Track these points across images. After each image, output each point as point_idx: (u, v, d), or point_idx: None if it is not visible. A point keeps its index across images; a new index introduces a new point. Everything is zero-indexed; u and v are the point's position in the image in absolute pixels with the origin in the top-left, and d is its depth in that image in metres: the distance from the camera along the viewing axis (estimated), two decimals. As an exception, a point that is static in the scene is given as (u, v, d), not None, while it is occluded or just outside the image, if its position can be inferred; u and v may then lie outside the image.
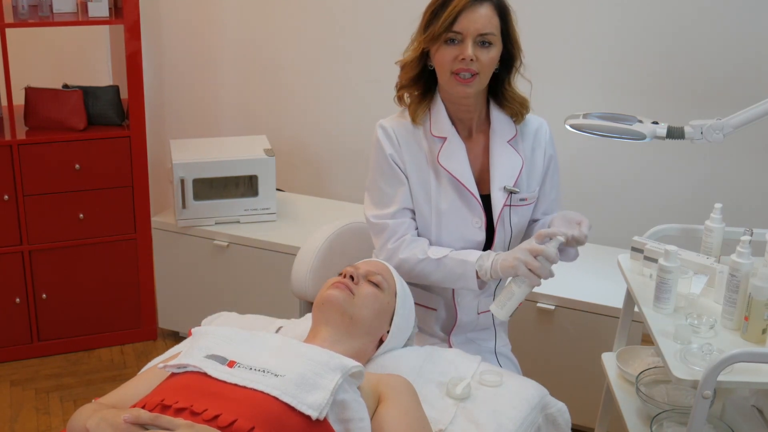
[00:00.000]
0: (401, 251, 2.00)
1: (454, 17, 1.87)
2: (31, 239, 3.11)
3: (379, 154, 2.03)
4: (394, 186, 2.02)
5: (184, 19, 3.67)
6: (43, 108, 3.09)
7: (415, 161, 2.03)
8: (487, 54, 1.90)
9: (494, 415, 1.75)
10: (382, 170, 2.03)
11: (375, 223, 2.04)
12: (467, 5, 1.87)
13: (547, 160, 2.11)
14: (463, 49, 1.88)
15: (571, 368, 2.72)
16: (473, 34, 1.88)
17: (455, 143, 2.01)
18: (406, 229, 2.02)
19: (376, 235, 2.05)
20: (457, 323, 2.13)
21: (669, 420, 2.03)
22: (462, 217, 2.02)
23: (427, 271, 1.98)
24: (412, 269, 1.99)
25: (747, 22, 2.90)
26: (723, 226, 2.16)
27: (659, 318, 1.97)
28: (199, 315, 2.31)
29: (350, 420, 1.51)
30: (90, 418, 1.43)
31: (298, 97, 3.61)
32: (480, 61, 1.89)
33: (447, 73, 1.92)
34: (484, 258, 1.95)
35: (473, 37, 1.88)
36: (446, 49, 1.90)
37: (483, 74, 1.93)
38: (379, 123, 2.06)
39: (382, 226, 2.03)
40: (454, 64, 1.90)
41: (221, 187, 3.17)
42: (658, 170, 3.14)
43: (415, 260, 1.98)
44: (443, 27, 1.88)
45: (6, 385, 3.08)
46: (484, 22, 1.88)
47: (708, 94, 2.98)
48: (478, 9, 1.88)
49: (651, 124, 2.20)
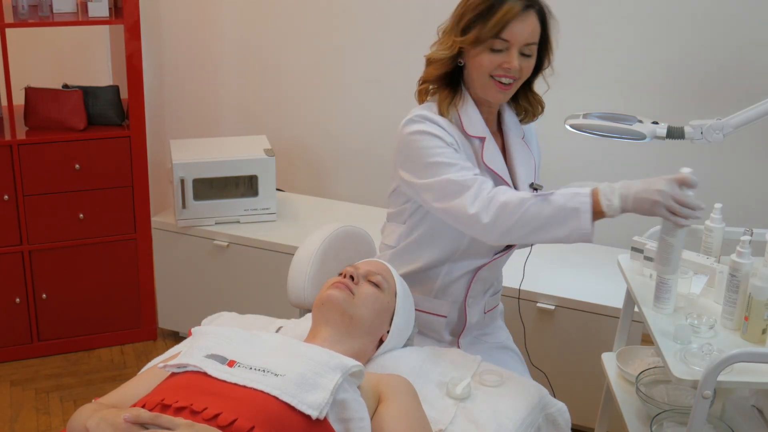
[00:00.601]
0: (500, 195, 1.79)
1: (503, 25, 1.83)
2: (31, 239, 3.11)
3: (432, 142, 1.87)
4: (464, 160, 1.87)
5: (184, 19, 3.68)
6: (43, 108, 3.09)
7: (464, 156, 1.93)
8: (528, 63, 1.89)
9: (494, 415, 1.75)
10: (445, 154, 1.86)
11: (457, 180, 1.82)
12: (518, 14, 1.83)
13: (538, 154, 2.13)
14: (510, 59, 1.85)
15: (571, 368, 2.72)
16: (519, 44, 1.85)
17: (492, 143, 1.97)
18: (493, 184, 1.85)
19: (461, 192, 1.81)
20: (467, 325, 2.12)
21: (669, 420, 2.03)
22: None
23: (534, 211, 1.75)
24: (515, 211, 1.76)
25: (747, 22, 2.90)
26: (723, 226, 2.16)
27: (659, 318, 1.97)
28: (199, 315, 2.31)
29: (350, 420, 1.51)
30: (90, 418, 1.43)
31: (298, 97, 3.61)
32: (521, 70, 1.88)
33: (485, 77, 1.89)
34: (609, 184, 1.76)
35: (519, 47, 1.85)
36: (489, 55, 1.86)
37: (519, 81, 1.92)
38: (416, 114, 1.92)
39: (468, 181, 1.82)
40: (495, 69, 1.87)
41: (221, 187, 3.17)
42: (658, 170, 3.13)
43: (519, 200, 1.77)
44: (491, 33, 1.83)
45: (6, 385, 3.08)
46: (531, 33, 1.86)
47: (708, 94, 2.98)
48: (527, 18, 1.84)
49: (651, 124, 2.21)
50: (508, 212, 1.77)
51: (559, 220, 1.74)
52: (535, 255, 2.99)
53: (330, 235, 2.30)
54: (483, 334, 2.19)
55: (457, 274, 2.05)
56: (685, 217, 1.71)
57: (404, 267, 2.06)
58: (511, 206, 1.77)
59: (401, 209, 2.06)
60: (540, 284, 2.73)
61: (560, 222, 1.74)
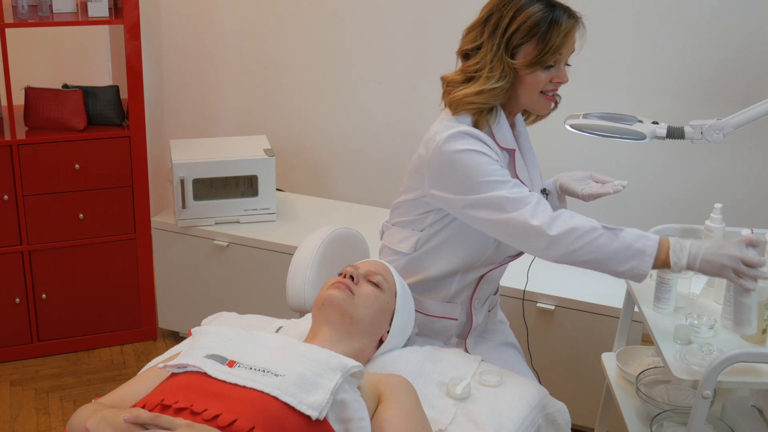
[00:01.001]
0: (568, 217, 1.81)
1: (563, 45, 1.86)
2: (31, 239, 3.11)
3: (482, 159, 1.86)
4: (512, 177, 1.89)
5: (184, 19, 3.68)
6: (43, 108, 3.09)
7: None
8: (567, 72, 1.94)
9: (494, 415, 1.75)
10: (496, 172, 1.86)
11: (513, 197, 1.82)
12: (574, 28, 1.87)
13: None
14: (561, 74, 1.91)
15: (571, 368, 2.72)
16: (566, 58, 1.90)
17: (519, 155, 1.99)
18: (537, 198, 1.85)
19: (518, 207, 1.81)
20: (473, 326, 2.13)
21: (669, 420, 2.03)
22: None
23: (602, 242, 1.78)
24: (584, 237, 1.78)
25: (747, 22, 2.90)
26: (723, 226, 2.16)
27: (659, 318, 1.97)
28: (199, 315, 2.31)
29: (350, 420, 1.51)
30: (90, 418, 1.43)
31: (298, 97, 3.61)
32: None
33: (536, 93, 1.91)
34: (679, 241, 1.78)
35: (565, 60, 1.91)
36: (542, 73, 1.88)
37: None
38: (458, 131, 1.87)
39: (525, 198, 1.83)
40: (546, 86, 1.91)
41: (221, 187, 3.17)
42: (658, 170, 3.15)
43: (590, 227, 1.79)
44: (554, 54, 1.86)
45: (6, 385, 3.08)
46: (573, 45, 1.91)
47: (708, 94, 2.98)
48: (577, 29, 1.89)
49: (651, 124, 2.20)
50: (578, 236, 1.79)
51: (622, 257, 1.78)
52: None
53: (325, 239, 2.26)
54: (486, 331, 2.20)
55: (471, 278, 2.06)
56: (753, 278, 1.73)
57: (420, 274, 2.05)
58: (581, 231, 1.79)
59: (419, 218, 2.02)
60: (540, 284, 2.73)
61: (623, 259, 1.78)
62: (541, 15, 1.83)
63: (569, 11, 1.88)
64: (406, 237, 2.06)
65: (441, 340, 2.12)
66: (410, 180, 2.01)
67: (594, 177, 2.11)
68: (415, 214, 2.03)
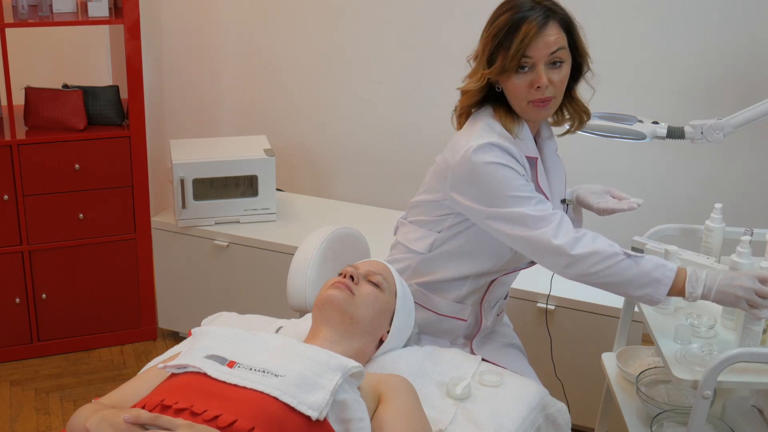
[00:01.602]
0: (592, 242, 1.83)
1: (525, 49, 1.80)
2: (31, 239, 3.11)
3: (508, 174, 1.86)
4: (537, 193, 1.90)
5: (184, 19, 3.67)
6: (43, 108, 3.09)
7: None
8: (560, 74, 1.86)
9: (494, 415, 1.75)
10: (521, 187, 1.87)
11: (535, 215, 1.83)
12: (537, 31, 1.80)
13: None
14: (537, 77, 1.83)
15: (571, 368, 2.72)
16: (544, 57, 1.82)
17: (541, 163, 1.98)
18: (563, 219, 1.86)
19: (540, 225, 1.83)
20: (482, 328, 2.13)
21: (669, 420, 2.03)
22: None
23: (622, 268, 1.81)
24: (605, 261, 1.81)
25: (747, 22, 2.90)
26: (723, 226, 2.16)
27: (659, 318, 1.97)
28: (199, 315, 2.31)
29: (350, 420, 1.51)
30: (90, 418, 1.43)
31: (298, 97, 3.61)
32: (553, 84, 1.85)
33: (523, 103, 1.87)
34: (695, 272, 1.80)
35: (544, 60, 1.82)
36: (519, 77, 1.84)
37: (558, 96, 1.89)
38: (487, 143, 1.86)
39: (549, 216, 1.84)
40: (530, 93, 1.85)
41: (221, 187, 3.17)
42: (658, 170, 3.14)
43: (612, 252, 1.81)
44: (515, 61, 1.81)
45: (6, 385, 3.08)
46: (554, 41, 1.82)
47: (708, 94, 2.98)
48: (548, 31, 1.81)
49: (651, 124, 2.21)
50: (599, 260, 1.81)
51: (639, 284, 1.80)
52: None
53: (326, 239, 2.26)
54: (491, 333, 2.20)
55: (483, 282, 2.06)
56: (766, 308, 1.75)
57: (433, 275, 2.05)
58: (603, 256, 1.81)
59: (438, 219, 2.02)
60: (540, 284, 2.73)
61: (640, 285, 1.80)
62: (503, 22, 1.82)
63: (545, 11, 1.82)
64: (422, 236, 2.05)
65: (447, 339, 2.12)
66: (433, 181, 2.01)
67: (612, 192, 2.11)
68: (434, 215, 2.02)
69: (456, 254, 2.01)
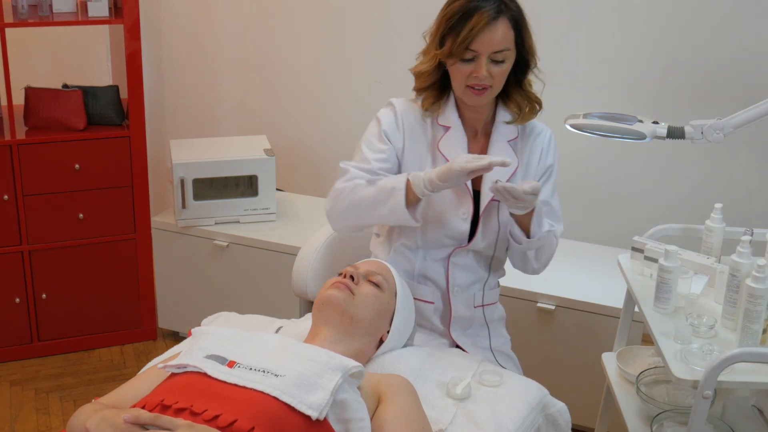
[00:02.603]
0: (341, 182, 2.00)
1: (471, 39, 1.88)
2: (31, 239, 3.11)
3: (374, 125, 2.07)
4: (375, 152, 2.03)
5: (184, 19, 3.67)
6: (43, 108, 3.09)
7: (416, 147, 2.05)
8: (500, 68, 1.93)
9: (494, 416, 1.75)
10: (370, 141, 2.06)
11: (341, 168, 2.04)
12: (486, 26, 1.87)
13: (542, 166, 2.09)
14: (478, 68, 1.90)
15: (571, 368, 2.72)
16: (488, 53, 1.89)
17: (458, 134, 2.03)
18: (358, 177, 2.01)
19: (341, 175, 2.04)
20: (453, 316, 2.10)
21: (669, 420, 2.03)
22: (450, 205, 2.03)
23: (363, 194, 1.97)
24: (348, 196, 1.98)
25: (747, 22, 2.90)
26: (723, 226, 2.16)
27: (659, 318, 1.97)
28: (199, 315, 2.31)
29: (350, 420, 1.51)
30: (90, 418, 1.43)
31: (298, 97, 3.61)
32: (492, 76, 1.92)
33: (461, 86, 1.95)
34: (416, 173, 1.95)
35: (488, 55, 1.89)
36: (461, 66, 1.92)
37: (496, 86, 1.96)
38: (390, 100, 2.09)
39: (344, 170, 2.03)
40: (469, 79, 1.92)
41: (221, 187, 3.17)
42: (658, 170, 3.14)
43: (353, 185, 1.98)
44: (461, 48, 1.89)
45: (6, 385, 3.08)
46: (500, 40, 1.89)
47: (708, 94, 2.98)
48: (496, 27, 1.88)
49: (651, 124, 2.20)
50: (342, 198, 1.99)
51: (381, 200, 1.95)
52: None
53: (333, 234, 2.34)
54: (475, 334, 2.15)
55: (432, 258, 2.08)
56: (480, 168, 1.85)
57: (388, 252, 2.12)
58: (345, 192, 1.99)
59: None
60: (540, 284, 2.73)
61: (382, 201, 1.94)
62: (458, 8, 1.90)
63: (498, 4, 1.88)
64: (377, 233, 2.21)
65: (425, 326, 2.11)
66: None
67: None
68: None
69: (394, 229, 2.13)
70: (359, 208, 1.98)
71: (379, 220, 1.99)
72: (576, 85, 3.14)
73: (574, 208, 3.25)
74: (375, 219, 2.00)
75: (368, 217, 2.00)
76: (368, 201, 1.96)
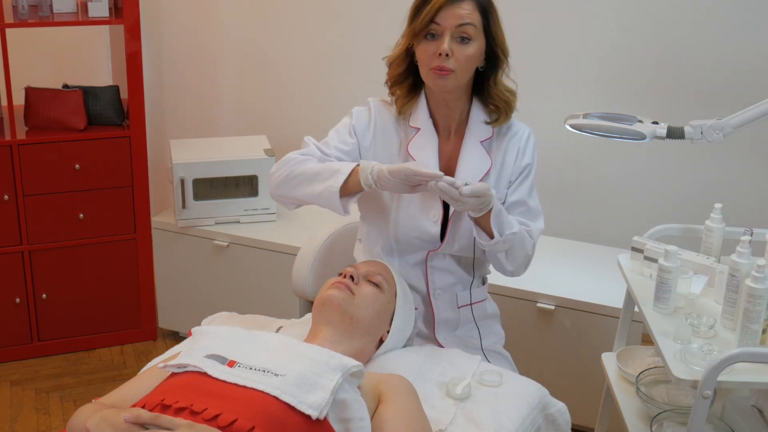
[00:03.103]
0: (296, 152, 2.00)
1: (434, 13, 1.88)
2: (31, 239, 3.11)
3: (347, 119, 2.08)
4: (340, 142, 2.03)
5: (184, 19, 3.68)
6: (43, 108, 3.09)
7: (387, 148, 2.04)
8: (465, 50, 1.89)
9: (494, 415, 1.75)
10: (340, 130, 2.06)
11: (304, 140, 2.05)
12: (449, 2, 1.87)
13: (519, 166, 2.04)
14: (441, 44, 1.88)
15: (571, 368, 2.72)
16: (451, 28, 1.88)
17: (428, 135, 2.01)
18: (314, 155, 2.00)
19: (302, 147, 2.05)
20: (437, 320, 2.08)
21: (669, 420, 2.03)
22: (420, 208, 2.00)
23: (306, 167, 1.95)
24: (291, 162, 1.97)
25: (747, 23, 2.90)
26: (723, 226, 2.16)
27: (659, 318, 1.97)
28: (199, 315, 2.31)
29: (350, 420, 1.51)
30: (90, 418, 1.43)
31: (298, 97, 3.61)
32: (456, 57, 1.88)
33: (426, 69, 1.93)
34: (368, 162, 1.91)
35: (451, 31, 1.88)
36: (426, 44, 1.90)
37: (459, 71, 1.91)
38: (369, 99, 2.10)
39: (305, 143, 2.04)
40: (432, 60, 1.90)
41: (221, 187, 3.17)
42: (658, 170, 3.14)
43: (304, 157, 1.98)
44: (424, 23, 1.88)
45: (6, 385, 3.08)
46: (466, 15, 1.88)
47: (708, 94, 2.98)
48: (461, 4, 1.88)
49: (651, 124, 2.20)
50: (289, 166, 1.97)
51: (320, 178, 1.92)
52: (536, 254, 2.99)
53: (337, 230, 2.36)
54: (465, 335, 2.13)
55: (409, 263, 2.06)
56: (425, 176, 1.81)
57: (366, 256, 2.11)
58: (294, 162, 1.97)
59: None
60: (540, 284, 2.73)
61: (321, 179, 1.92)
62: None
63: None
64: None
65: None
66: None
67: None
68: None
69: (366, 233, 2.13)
70: (299, 178, 1.95)
71: (311, 197, 1.94)
72: (576, 84, 3.14)
73: (573, 208, 3.25)
74: (308, 195, 1.94)
75: (302, 190, 1.95)
76: (309, 174, 1.94)
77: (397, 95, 2.06)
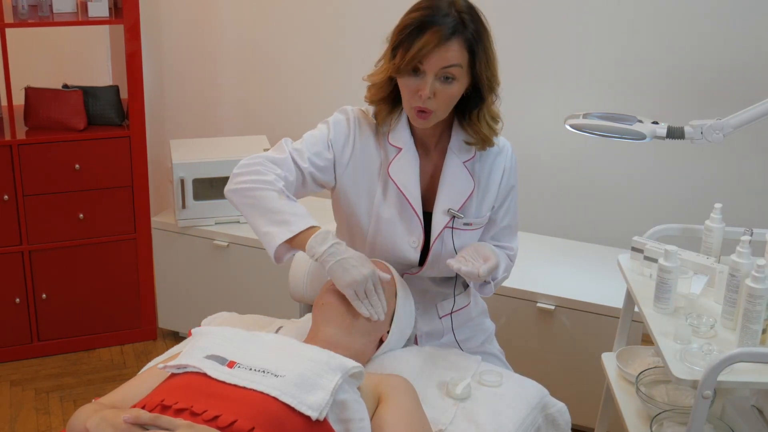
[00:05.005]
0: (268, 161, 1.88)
1: (420, 58, 1.76)
2: (31, 239, 3.11)
3: (323, 128, 1.97)
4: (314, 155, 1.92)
5: (184, 19, 3.68)
6: (43, 108, 3.09)
7: (367, 168, 1.95)
8: (448, 90, 1.80)
9: (494, 416, 1.75)
10: (317, 139, 1.94)
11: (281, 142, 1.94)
12: (436, 46, 1.75)
13: (504, 188, 1.99)
14: (423, 85, 1.78)
15: (571, 368, 2.72)
16: (435, 69, 1.77)
17: (410, 156, 1.92)
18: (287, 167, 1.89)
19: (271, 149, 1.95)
20: (419, 335, 2.04)
21: (669, 420, 2.03)
22: (399, 233, 1.93)
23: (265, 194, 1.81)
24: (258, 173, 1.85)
25: (747, 23, 2.90)
26: (723, 226, 2.16)
27: (659, 318, 1.97)
28: (199, 315, 2.31)
29: (350, 420, 1.51)
30: (90, 418, 1.43)
31: (298, 97, 3.61)
32: (438, 97, 1.80)
33: (408, 105, 1.84)
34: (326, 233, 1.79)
35: (435, 72, 1.77)
36: (408, 79, 1.80)
37: (440, 111, 1.83)
38: (347, 107, 1.98)
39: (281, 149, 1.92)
40: (413, 98, 1.81)
41: (221, 187, 3.16)
42: (658, 170, 3.14)
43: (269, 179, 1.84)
44: (409, 66, 1.78)
45: (6, 385, 3.08)
46: (449, 58, 1.76)
47: (708, 94, 2.98)
48: (448, 48, 1.76)
49: (651, 124, 2.21)
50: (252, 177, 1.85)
51: (270, 217, 1.80)
52: (536, 254, 3.00)
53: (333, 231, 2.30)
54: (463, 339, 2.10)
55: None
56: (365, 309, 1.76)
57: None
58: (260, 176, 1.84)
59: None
60: (540, 284, 2.74)
61: (270, 220, 1.80)
62: (413, 19, 1.78)
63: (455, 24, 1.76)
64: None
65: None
66: None
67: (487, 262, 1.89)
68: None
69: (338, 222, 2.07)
70: (253, 201, 1.83)
71: (254, 228, 1.84)
72: (576, 85, 3.14)
73: (573, 208, 3.25)
74: (252, 223, 1.84)
75: (250, 215, 1.84)
76: (265, 207, 1.81)
77: (377, 110, 1.95)
